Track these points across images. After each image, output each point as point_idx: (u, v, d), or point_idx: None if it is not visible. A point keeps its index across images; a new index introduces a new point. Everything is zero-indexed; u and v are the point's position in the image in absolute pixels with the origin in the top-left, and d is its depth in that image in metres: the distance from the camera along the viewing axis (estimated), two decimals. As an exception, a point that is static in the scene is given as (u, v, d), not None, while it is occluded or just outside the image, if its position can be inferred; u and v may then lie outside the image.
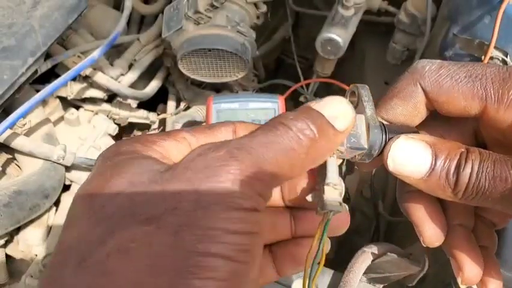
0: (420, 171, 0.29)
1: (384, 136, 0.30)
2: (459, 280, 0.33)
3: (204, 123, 0.23)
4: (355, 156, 0.30)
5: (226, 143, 0.24)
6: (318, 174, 0.29)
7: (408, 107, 0.31)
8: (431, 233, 0.32)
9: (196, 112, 0.95)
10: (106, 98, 0.91)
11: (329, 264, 0.54)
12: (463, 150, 0.29)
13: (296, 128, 0.25)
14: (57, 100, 0.89)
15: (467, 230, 0.34)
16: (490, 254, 0.34)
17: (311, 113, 0.26)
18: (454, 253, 0.33)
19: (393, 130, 0.30)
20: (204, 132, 0.28)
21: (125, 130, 1.02)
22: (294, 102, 1.11)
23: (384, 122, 0.31)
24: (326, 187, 0.27)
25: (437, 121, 0.33)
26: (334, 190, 0.28)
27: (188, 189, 0.23)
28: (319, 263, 0.28)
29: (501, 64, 0.64)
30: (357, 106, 0.30)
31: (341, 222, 0.30)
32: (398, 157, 0.29)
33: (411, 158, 0.29)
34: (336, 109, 0.27)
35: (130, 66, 0.90)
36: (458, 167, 0.28)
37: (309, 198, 0.29)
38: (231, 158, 0.23)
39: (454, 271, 0.33)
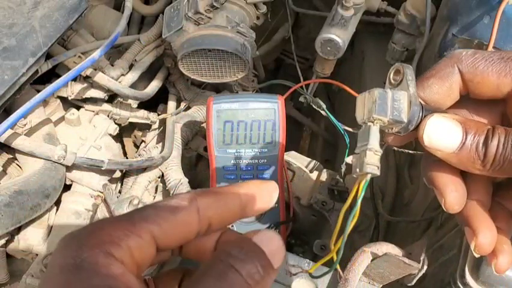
0: (452, 145, 0.32)
1: (421, 113, 0.33)
2: (472, 246, 0.35)
3: (174, 196, 0.25)
4: (392, 127, 0.33)
5: None
6: (359, 140, 0.32)
7: (444, 86, 0.34)
8: (453, 197, 0.34)
9: (197, 112, 0.95)
10: (106, 98, 0.92)
11: (328, 263, 0.55)
12: (489, 127, 0.32)
13: (246, 272, 0.26)
14: (58, 100, 0.90)
15: (484, 206, 0.36)
16: (504, 233, 0.36)
17: (257, 252, 0.27)
18: (469, 221, 0.35)
19: (427, 109, 0.34)
20: (168, 219, 0.28)
21: (125, 130, 1.02)
22: (294, 102, 1.11)
23: (422, 102, 0.34)
24: (368, 152, 0.31)
25: (466, 106, 0.36)
26: (375, 155, 0.31)
27: None
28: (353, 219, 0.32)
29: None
30: (401, 83, 0.33)
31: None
32: (432, 133, 0.32)
33: (444, 133, 0.32)
34: (274, 247, 0.28)
35: (131, 67, 0.90)
36: (486, 140, 0.31)
37: (348, 160, 0.32)
38: None
39: (467, 239, 0.35)
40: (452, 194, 0.34)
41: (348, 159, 0.32)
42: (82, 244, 0.25)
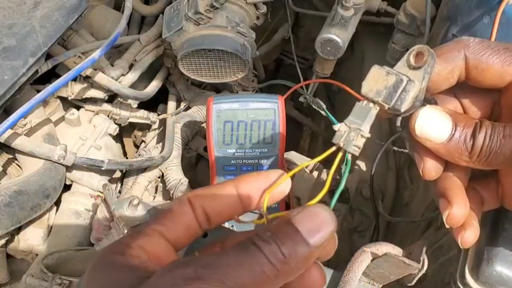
0: (442, 136, 0.33)
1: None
2: (445, 216, 0.36)
3: (170, 205, 0.28)
4: (387, 112, 0.33)
5: (195, 260, 0.25)
6: (355, 113, 0.33)
7: (447, 69, 0.35)
8: (432, 163, 0.36)
9: (197, 112, 0.95)
10: (106, 98, 0.92)
11: (328, 263, 0.55)
12: (477, 121, 0.33)
13: (268, 251, 0.25)
14: (58, 100, 0.90)
15: (461, 183, 0.37)
16: (474, 214, 0.37)
17: (286, 231, 0.26)
18: (446, 192, 0.36)
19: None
20: (167, 217, 0.31)
21: (125, 130, 1.02)
22: (294, 102, 1.11)
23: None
24: (357, 133, 0.32)
25: (458, 92, 0.37)
26: (361, 138, 0.32)
27: None
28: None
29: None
30: (418, 70, 0.34)
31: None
32: (424, 124, 0.34)
33: (435, 125, 0.34)
34: (316, 223, 0.27)
35: (131, 67, 0.90)
36: (474, 133, 0.33)
37: (336, 127, 0.32)
38: (197, 278, 0.24)
39: (440, 209, 0.36)
40: (432, 161, 0.36)
41: (336, 127, 0.32)
42: (99, 256, 0.29)
